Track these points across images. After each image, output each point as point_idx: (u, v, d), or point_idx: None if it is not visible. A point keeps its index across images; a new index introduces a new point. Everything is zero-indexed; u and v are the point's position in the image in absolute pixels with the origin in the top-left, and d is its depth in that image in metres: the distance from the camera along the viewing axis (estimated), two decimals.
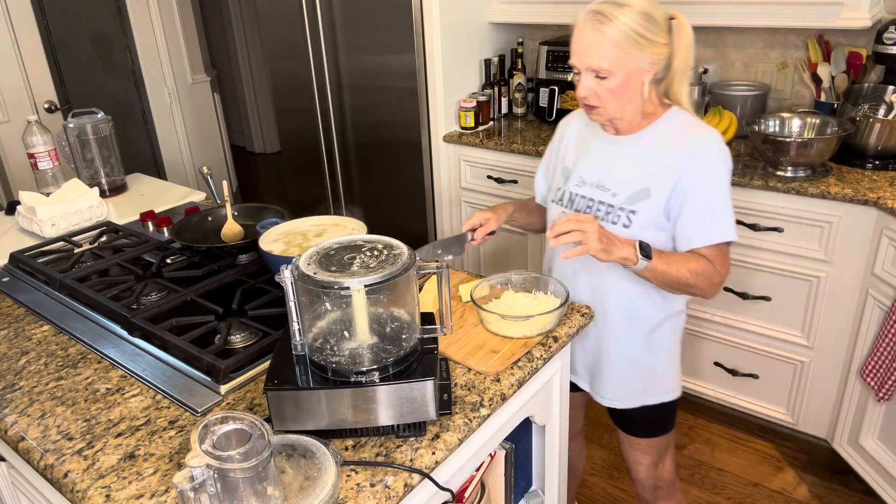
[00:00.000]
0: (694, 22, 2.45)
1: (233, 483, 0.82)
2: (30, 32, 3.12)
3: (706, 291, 1.34)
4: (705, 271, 1.32)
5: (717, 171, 1.32)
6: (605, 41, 1.27)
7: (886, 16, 2.21)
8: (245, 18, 5.66)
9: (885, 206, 1.86)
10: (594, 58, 1.29)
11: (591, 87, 1.33)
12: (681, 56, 1.33)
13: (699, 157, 1.32)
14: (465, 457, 1.15)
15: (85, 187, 2.03)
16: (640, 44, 1.28)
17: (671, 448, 1.63)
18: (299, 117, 3.13)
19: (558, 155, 1.55)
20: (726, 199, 1.33)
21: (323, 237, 1.51)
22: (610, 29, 1.26)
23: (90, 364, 1.29)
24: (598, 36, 1.27)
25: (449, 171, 2.83)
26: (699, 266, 1.32)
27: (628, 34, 1.26)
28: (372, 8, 2.68)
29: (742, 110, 2.41)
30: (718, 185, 1.32)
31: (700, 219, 1.33)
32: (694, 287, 1.32)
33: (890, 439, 1.94)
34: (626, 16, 1.26)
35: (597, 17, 1.28)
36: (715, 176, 1.32)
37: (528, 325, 1.27)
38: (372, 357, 1.01)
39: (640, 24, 1.27)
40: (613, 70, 1.29)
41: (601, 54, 1.28)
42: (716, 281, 1.33)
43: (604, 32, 1.27)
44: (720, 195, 1.32)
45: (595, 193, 1.42)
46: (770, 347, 2.24)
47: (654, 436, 1.57)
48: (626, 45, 1.27)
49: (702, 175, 1.31)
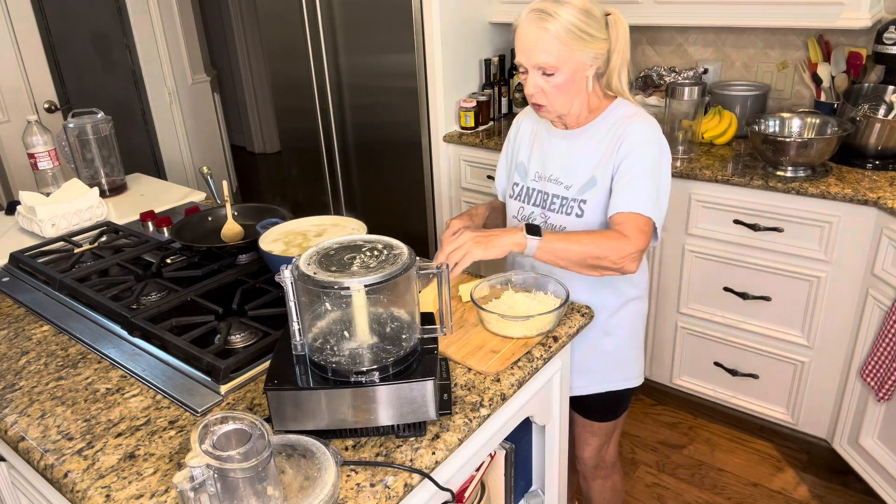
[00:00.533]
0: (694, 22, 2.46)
1: (233, 483, 0.82)
2: (30, 32, 3.12)
3: (619, 264, 1.31)
4: (615, 243, 1.30)
5: (645, 150, 1.36)
6: (549, 38, 1.31)
7: (886, 16, 2.21)
8: (245, 18, 5.66)
9: (885, 206, 1.86)
10: (540, 54, 1.33)
11: (539, 85, 1.37)
12: (619, 50, 1.38)
13: (632, 138, 1.37)
14: (465, 457, 1.15)
15: (85, 187, 2.03)
16: (583, 39, 1.32)
17: (618, 431, 1.70)
18: (299, 117, 3.13)
19: (513, 151, 1.60)
20: (652, 178, 1.35)
21: (323, 237, 1.51)
22: (553, 25, 1.31)
23: (90, 364, 1.29)
24: (542, 33, 1.32)
25: (449, 171, 2.83)
26: (606, 237, 1.31)
27: (571, 30, 1.31)
28: (372, 8, 2.68)
29: (742, 110, 2.41)
30: (646, 163, 1.35)
31: (622, 188, 1.36)
32: (605, 259, 1.30)
33: (890, 439, 1.94)
34: (567, 12, 1.31)
35: (539, 14, 1.32)
36: (643, 154, 1.36)
37: (527, 325, 1.27)
38: (372, 357, 1.01)
39: (581, 20, 1.31)
40: (559, 66, 1.33)
41: (547, 51, 1.32)
42: (628, 251, 1.30)
43: (547, 29, 1.31)
44: (646, 172, 1.35)
45: (549, 187, 1.48)
46: (770, 347, 2.24)
47: (606, 420, 1.64)
48: (569, 40, 1.31)
49: (631, 152, 1.36)
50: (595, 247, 1.30)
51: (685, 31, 2.67)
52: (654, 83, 2.64)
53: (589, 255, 1.30)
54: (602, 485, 1.76)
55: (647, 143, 1.37)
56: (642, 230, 1.33)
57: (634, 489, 2.25)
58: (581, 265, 1.32)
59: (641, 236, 1.32)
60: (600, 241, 1.30)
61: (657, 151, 1.37)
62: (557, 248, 1.29)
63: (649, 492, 2.24)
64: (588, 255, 1.30)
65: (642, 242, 1.32)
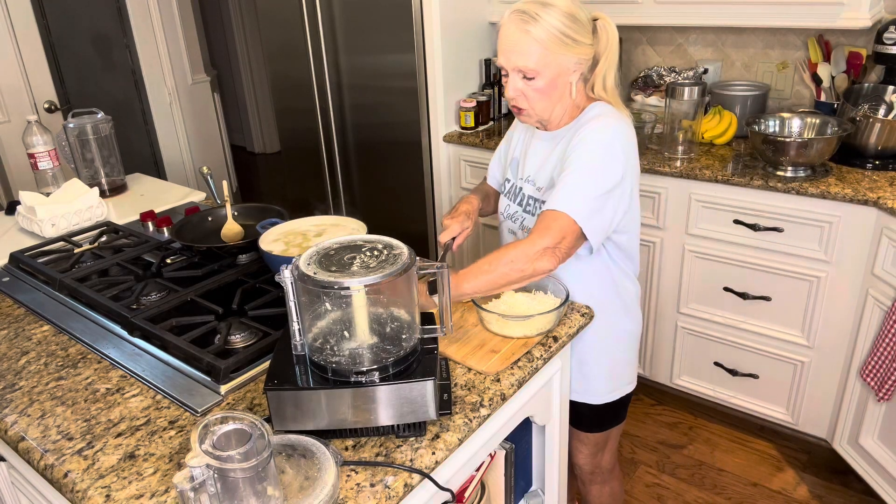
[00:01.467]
0: (694, 22, 2.46)
1: (233, 483, 0.82)
2: (30, 32, 3.12)
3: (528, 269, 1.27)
4: (512, 252, 1.27)
5: (585, 150, 1.31)
6: (531, 41, 1.28)
7: (886, 16, 2.21)
8: (245, 18, 5.66)
9: (885, 206, 1.86)
10: (521, 58, 1.30)
11: (519, 88, 1.35)
12: (607, 55, 1.35)
13: (581, 136, 1.33)
14: (465, 457, 1.15)
15: (85, 187, 2.03)
16: (567, 44, 1.29)
17: (613, 440, 1.68)
18: (299, 117, 3.13)
19: (510, 146, 1.60)
20: (584, 177, 1.30)
21: (323, 237, 1.51)
22: (535, 28, 1.28)
23: (90, 364, 1.29)
24: (524, 36, 1.29)
25: (449, 171, 2.83)
26: (503, 251, 1.29)
27: (554, 34, 1.28)
28: (372, 8, 2.68)
29: (742, 110, 2.41)
30: (582, 162, 1.30)
31: (555, 186, 1.33)
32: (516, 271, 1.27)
33: (890, 439, 1.94)
34: (551, 16, 1.27)
35: (522, 16, 1.29)
36: (581, 154, 1.31)
37: (528, 325, 1.27)
38: (372, 357, 1.01)
39: (566, 24, 1.28)
40: (540, 70, 1.31)
41: (528, 54, 1.29)
42: (529, 252, 1.26)
43: (529, 32, 1.28)
44: (577, 171, 1.30)
45: (529, 189, 1.48)
46: (770, 347, 2.24)
47: (594, 431, 1.62)
48: (552, 45, 1.28)
49: (572, 153, 1.32)
50: (496, 267, 1.27)
51: (685, 31, 2.67)
52: (654, 83, 2.64)
53: (495, 278, 1.27)
54: (599, 490, 1.75)
55: (590, 143, 1.32)
56: (547, 227, 1.28)
57: (634, 489, 2.25)
58: (500, 286, 1.29)
59: (544, 233, 1.28)
60: (498, 260, 1.27)
61: (599, 151, 1.31)
62: (464, 288, 1.27)
63: (649, 492, 2.24)
64: (495, 279, 1.27)
65: (544, 239, 1.27)
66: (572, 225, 1.29)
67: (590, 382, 1.55)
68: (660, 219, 2.31)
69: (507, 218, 1.55)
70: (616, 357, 1.55)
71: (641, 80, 2.68)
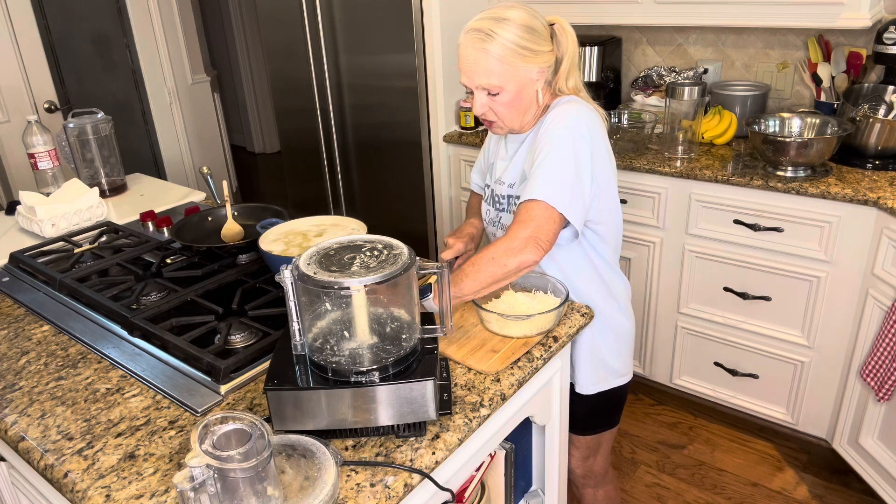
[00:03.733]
0: (694, 22, 2.46)
1: (233, 483, 0.82)
2: (30, 32, 3.12)
3: (512, 263, 1.26)
4: (501, 245, 1.27)
5: (554, 138, 1.31)
6: (489, 59, 1.28)
7: (886, 16, 2.21)
8: (245, 18, 5.66)
9: (885, 206, 1.86)
10: (482, 76, 1.31)
11: (486, 104, 1.35)
12: (567, 58, 1.36)
13: (546, 127, 1.34)
14: (465, 457, 1.15)
15: (85, 187, 2.03)
16: (525, 56, 1.29)
17: (606, 445, 1.67)
18: (299, 117, 3.13)
19: (486, 152, 1.61)
20: (556, 163, 1.29)
21: (323, 237, 1.51)
22: (492, 46, 1.27)
23: (90, 364, 1.29)
24: (482, 54, 1.29)
25: (449, 171, 2.83)
26: (485, 251, 1.29)
27: (512, 48, 1.28)
28: (372, 8, 2.68)
29: (742, 110, 2.41)
30: (552, 150, 1.30)
31: (529, 178, 1.32)
32: (502, 267, 1.27)
33: (890, 439, 1.94)
34: (507, 30, 1.27)
35: (477, 34, 1.29)
36: (551, 142, 1.31)
37: (527, 325, 1.27)
38: (372, 357, 1.01)
39: (522, 37, 1.28)
40: (504, 85, 1.31)
41: (489, 72, 1.29)
42: (512, 246, 1.26)
43: (487, 50, 1.28)
44: (548, 158, 1.30)
45: (502, 189, 1.49)
46: (770, 347, 2.24)
47: (586, 433, 1.62)
48: (511, 59, 1.28)
49: (541, 141, 1.33)
50: (481, 266, 1.27)
51: (685, 31, 2.67)
52: (654, 83, 2.64)
53: (484, 276, 1.27)
54: (593, 494, 1.74)
55: (554, 131, 1.31)
56: (521, 220, 1.28)
57: (634, 489, 2.25)
58: (490, 285, 1.29)
59: (521, 226, 1.27)
60: (482, 259, 1.27)
61: (567, 137, 1.30)
62: (454, 292, 1.27)
63: (649, 492, 2.24)
64: (484, 277, 1.27)
65: (525, 230, 1.26)
66: (550, 211, 1.28)
67: (574, 372, 1.54)
68: (660, 219, 2.31)
69: (489, 223, 1.57)
70: (602, 347, 1.52)
71: (641, 80, 2.68)
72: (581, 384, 1.54)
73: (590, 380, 1.54)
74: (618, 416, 1.64)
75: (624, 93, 2.87)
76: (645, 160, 2.26)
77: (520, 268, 1.28)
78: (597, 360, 1.53)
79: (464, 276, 1.28)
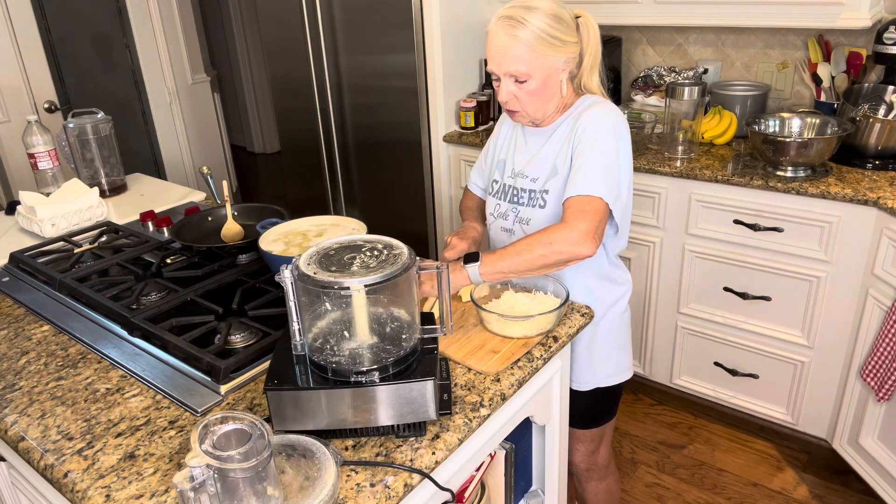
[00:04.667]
0: (694, 22, 2.46)
1: (233, 483, 0.82)
2: (30, 32, 3.12)
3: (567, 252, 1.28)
4: (552, 235, 1.29)
5: (596, 135, 1.35)
6: (519, 45, 1.31)
7: (886, 16, 2.21)
8: (245, 18, 5.66)
9: (885, 206, 1.86)
10: (511, 63, 1.33)
11: (512, 92, 1.38)
12: (590, 51, 1.39)
13: (586, 124, 1.36)
14: (465, 457, 1.15)
15: (85, 187, 2.03)
16: (554, 44, 1.32)
17: (608, 436, 1.70)
18: (299, 117, 3.13)
19: (495, 149, 1.61)
20: (602, 160, 1.33)
21: (323, 237, 1.51)
22: (523, 32, 1.30)
23: (90, 364, 1.29)
24: (512, 41, 1.31)
25: (449, 171, 2.83)
26: (542, 233, 1.30)
27: (541, 37, 1.31)
28: (372, 8, 2.68)
29: (742, 110, 2.42)
30: (596, 147, 1.34)
31: (573, 173, 1.35)
32: (553, 254, 1.28)
33: (890, 439, 1.94)
34: (537, 18, 1.30)
35: (508, 21, 1.32)
36: (593, 138, 1.35)
37: (527, 325, 1.27)
38: (372, 357, 1.01)
39: (551, 26, 1.31)
40: (532, 73, 1.34)
41: (518, 59, 1.32)
42: (570, 237, 1.28)
43: (517, 37, 1.31)
44: (595, 155, 1.34)
45: (521, 183, 1.50)
46: (770, 347, 2.24)
47: (590, 427, 1.64)
48: (540, 47, 1.31)
49: (583, 138, 1.36)
50: (533, 248, 1.29)
51: (685, 31, 2.67)
52: (654, 83, 2.64)
53: (532, 258, 1.29)
54: (596, 487, 1.76)
55: (598, 127, 1.35)
56: (583, 211, 1.30)
57: (634, 489, 2.25)
58: (533, 269, 1.31)
59: (583, 217, 1.30)
60: (537, 241, 1.29)
61: (610, 135, 1.35)
62: (500, 266, 1.30)
63: (649, 492, 2.24)
64: (531, 259, 1.29)
65: (584, 223, 1.29)
66: (604, 207, 1.32)
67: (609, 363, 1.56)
68: (660, 219, 2.31)
69: (498, 217, 1.56)
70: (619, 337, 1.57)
71: (641, 80, 2.68)
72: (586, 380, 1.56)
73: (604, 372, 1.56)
74: (616, 407, 1.67)
75: (624, 93, 2.87)
76: (645, 160, 2.26)
77: (573, 258, 1.30)
78: (601, 355, 1.55)
79: (514, 253, 1.30)
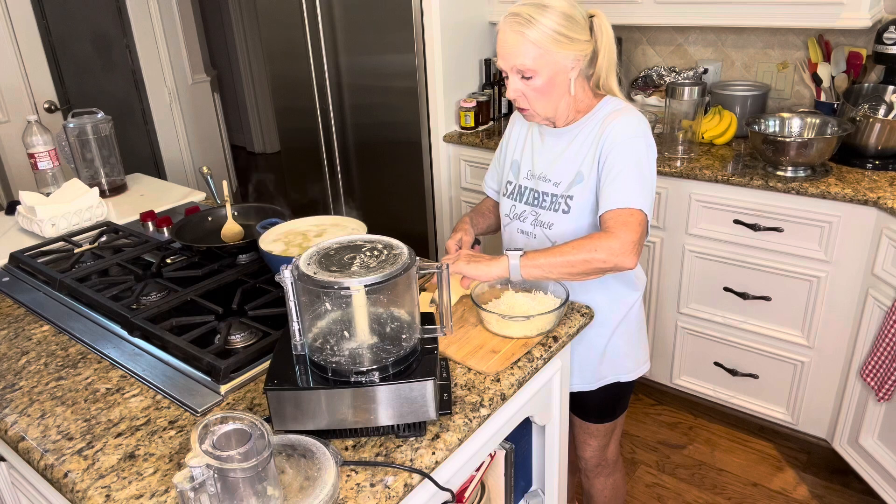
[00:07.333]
0: (694, 22, 2.46)
1: (233, 483, 0.82)
2: (30, 32, 3.12)
3: (611, 262, 1.29)
4: (597, 242, 1.29)
5: (629, 145, 1.35)
6: (525, 42, 1.32)
7: (886, 16, 2.21)
8: (245, 18, 5.66)
9: (885, 206, 1.86)
10: (517, 58, 1.34)
11: (519, 88, 1.38)
12: (604, 51, 1.39)
13: (617, 132, 1.36)
14: (465, 457, 1.15)
15: (85, 187, 2.03)
16: (562, 42, 1.32)
17: (618, 430, 1.70)
18: (299, 117, 3.13)
19: (507, 150, 1.61)
20: (637, 171, 1.34)
21: (323, 237, 1.51)
22: (530, 30, 1.31)
23: (90, 364, 1.29)
24: (519, 37, 1.32)
25: (449, 171, 2.83)
26: (588, 240, 1.30)
27: (549, 34, 1.31)
28: (372, 8, 2.68)
29: (742, 110, 2.42)
30: (630, 158, 1.35)
31: (608, 185, 1.35)
32: (594, 261, 1.28)
33: (890, 439, 1.94)
34: (548, 18, 1.31)
35: (516, 19, 1.32)
36: (627, 148, 1.35)
37: (528, 325, 1.27)
38: (372, 357, 1.01)
39: (561, 24, 1.31)
40: (537, 69, 1.34)
41: (524, 54, 1.33)
42: (615, 247, 1.28)
43: (524, 34, 1.31)
44: (631, 166, 1.34)
45: (540, 185, 1.49)
46: (770, 347, 2.24)
47: (604, 421, 1.64)
48: (547, 44, 1.32)
49: (615, 147, 1.36)
50: (578, 252, 1.29)
51: (685, 31, 2.67)
52: (654, 83, 2.64)
53: (575, 261, 1.29)
54: (604, 483, 1.76)
55: (631, 137, 1.36)
56: (627, 223, 1.31)
57: (634, 489, 2.25)
58: (571, 273, 1.31)
59: (627, 228, 1.30)
60: (582, 246, 1.29)
61: (642, 145, 1.36)
62: (541, 262, 1.30)
63: (649, 492, 2.24)
64: (574, 262, 1.29)
65: (630, 234, 1.29)
66: (644, 218, 1.33)
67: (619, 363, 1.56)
68: (660, 219, 2.31)
69: (514, 218, 1.55)
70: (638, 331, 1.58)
71: (641, 80, 2.68)
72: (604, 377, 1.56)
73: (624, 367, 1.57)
74: (628, 400, 1.67)
75: (624, 93, 2.87)
76: None
77: (614, 269, 1.31)
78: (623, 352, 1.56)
79: (557, 253, 1.30)
